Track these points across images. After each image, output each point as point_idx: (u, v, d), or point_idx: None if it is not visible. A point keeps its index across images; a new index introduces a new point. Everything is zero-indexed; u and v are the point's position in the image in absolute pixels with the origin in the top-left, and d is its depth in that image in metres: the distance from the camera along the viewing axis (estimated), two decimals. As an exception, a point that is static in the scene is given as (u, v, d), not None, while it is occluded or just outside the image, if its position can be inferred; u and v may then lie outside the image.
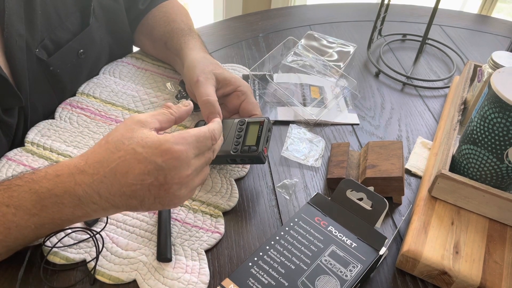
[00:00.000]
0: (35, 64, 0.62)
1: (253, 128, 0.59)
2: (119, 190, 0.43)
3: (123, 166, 0.43)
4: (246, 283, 0.46)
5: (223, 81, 0.64)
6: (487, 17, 1.18)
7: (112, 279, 0.50)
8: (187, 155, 0.44)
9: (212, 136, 0.48)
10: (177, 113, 0.50)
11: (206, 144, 0.47)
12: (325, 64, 0.81)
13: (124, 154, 0.43)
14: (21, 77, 0.59)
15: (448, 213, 0.57)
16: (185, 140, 0.45)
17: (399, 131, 0.75)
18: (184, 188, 0.46)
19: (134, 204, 0.45)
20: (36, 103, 0.65)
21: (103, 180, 0.43)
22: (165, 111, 0.49)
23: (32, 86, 0.62)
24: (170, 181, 0.44)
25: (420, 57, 0.93)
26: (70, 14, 0.66)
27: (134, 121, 0.46)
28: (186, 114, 0.51)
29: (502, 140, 0.53)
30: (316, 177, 0.65)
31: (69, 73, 0.69)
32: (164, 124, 0.48)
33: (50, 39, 0.63)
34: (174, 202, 0.46)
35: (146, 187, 0.43)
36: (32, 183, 0.44)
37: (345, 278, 0.47)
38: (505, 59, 0.68)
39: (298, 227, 0.52)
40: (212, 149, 0.50)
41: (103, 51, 0.77)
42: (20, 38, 0.58)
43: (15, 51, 0.58)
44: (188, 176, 0.45)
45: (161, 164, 0.43)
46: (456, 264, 0.51)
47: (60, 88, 0.69)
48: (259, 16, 1.03)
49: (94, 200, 0.44)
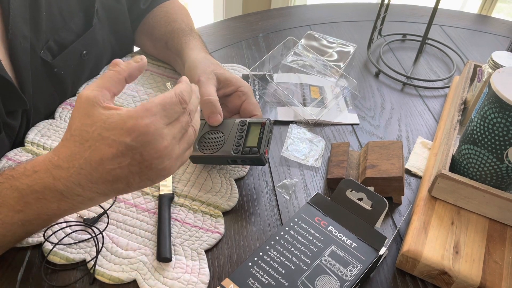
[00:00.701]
0: (39, 65, 0.62)
1: (254, 129, 0.59)
2: (100, 178, 0.42)
3: (95, 154, 0.41)
4: (246, 283, 0.46)
5: (224, 81, 0.64)
6: (487, 17, 1.18)
7: (112, 279, 0.50)
8: (155, 127, 0.41)
9: (180, 100, 0.44)
10: (126, 70, 0.45)
11: (175, 110, 0.44)
12: (325, 64, 0.81)
13: (93, 142, 0.41)
14: (25, 79, 0.59)
15: (448, 213, 0.57)
16: (149, 112, 0.41)
17: (399, 131, 0.75)
18: (167, 160, 0.43)
19: (122, 187, 0.43)
20: (38, 104, 0.65)
21: (80, 171, 0.42)
22: (112, 73, 0.45)
23: (35, 88, 0.62)
24: (147, 157, 0.42)
25: (420, 57, 0.93)
26: (74, 15, 0.66)
27: (84, 102, 0.42)
28: (138, 71, 0.46)
29: (502, 140, 0.53)
30: (316, 177, 0.65)
31: (72, 74, 0.69)
32: (115, 89, 0.44)
33: (54, 41, 0.63)
34: (162, 174, 0.44)
35: (126, 169, 0.42)
36: (12, 180, 0.43)
37: (345, 278, 0.47)
38: (505, 59, 0.68)
39: (298, 227, 0.52)
40: (186, 112, 0.45)
41: (105, 52, 0.77)
42: (24, 40, 0.58)
43: (19, 53, 0.57)
44: (166, 148, 0.43)
45: (132, 143, 0.41)
46: (456, 264, 0.51)
47: (62, 89, 0.69)
48: (259, 16, 1.03)
49: (77, 192, 0.43)
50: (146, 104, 0.42)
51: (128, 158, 0.41)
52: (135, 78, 0.46)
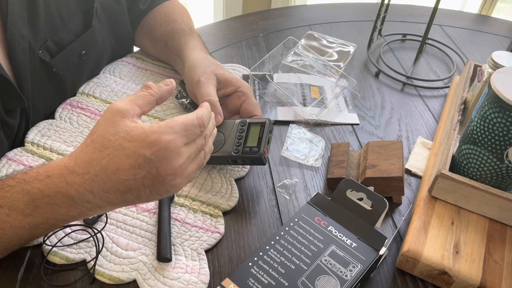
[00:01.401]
0: (38, 65, 0.62)
1: (254, 129, 0.59)
2: (112, 187, 0.43)
3: (113, 163, 0.42)
4: (246, 283, 0.46)
5: (224, 81, 0.64)
6: (487, 17, 1.18)
7: (112, 279, 0.50)
8: (175, 144, 0.43)
9: (200, 123, 0.46)
10: (158, 93, 0.48)
11: (195, 132, 0.46)
12: (325, 64, 0.81)
13: (112, 151, 0.42)
14: (23, 79, 0.59)
15: (448, 213, 0.57)
16: (172, 129, 0.43)
17: (399, 131, 0.75)
18: (178, 178, 0.45)
19: (131, 198, 0.44)
20: (37, 104, 0.65)
21: (95, 179, 0.42)
22: (144, 93, 0.47)
23: (34, 87, 0.62)
24: (162, 172, 0.43)
25: (420, 57, 0.93)
26: (73, 15, 0.66)
27: (114, 112, 0.44)
28: (168, 94, 0.49)
29: (502, 140, 0.53)
30: (316, 177, 0.65)
31: (71, 74, 0.69)
32: (145, 108, 0.46)
33: (52, 41, 0.63)
34: (170, 191, 0.45)
35: (139, 181, 0.43)
36: (24, 184, 0.44)
37: (345, 278, 0.47)
38: (505, 59, 0.68)
39: (298, 227, 0.52)
40: (203, 135, 0.48)
41: (105, 52, 0.77)
42: (23, 39, 0.58)
43: (18, 53, 0.58)
44: (181, 166, 0.44)
45: (151, 157, 0.42)
46: (456, 264, 0.51)
47: (61, 89, 0.69)
48: (259, 16, 1.03)
49: (88, 199, 0.43)
50: (169, 121, 0.44)
51: (144, 170, 0.42)
52: (165, 100, 0.49)
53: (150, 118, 0.70)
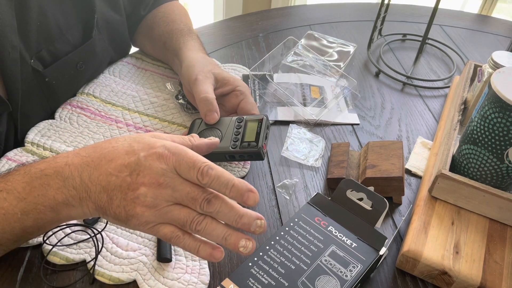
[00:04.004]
0: (30, 74, 0.61)
1: (251, 124, 0.59)
2: (97, 178, 0.43)
3: (111, 154, 0.43)
4: (246, 283, 0.46)
5: (221, 80, 0.64)
6: (487, 17, 1.18)
7: (112, 280, 0.50)
8: (167, 161, 0.41)
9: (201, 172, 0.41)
10: (196, 142, 0.48)
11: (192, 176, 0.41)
12: (325, 64, 0.81)
13: (117, 145, 0.44)
14: (13, 88, 0.58)
15: (448, 213, 0.57)
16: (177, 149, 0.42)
17: (399, 131, 0.75)
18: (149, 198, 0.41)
19: (104, 199, 0.43)
20: (28, 113, 0.63)
21: (90, 163, 0.43)
22: (184, 136, 0.48)
23: (26, 97, 0.61)
24: (140, 179, 0.41)
25: (420, 57, 0.93)
26: (72, 26, 0.65)
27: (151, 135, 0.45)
28: (206, 146, 0.49)
29: (502, 140, 0.53)
30: (316, 177, 0.65)
31: (66, 84, 0.68)
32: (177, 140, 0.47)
33: (47, 51, 0.62)
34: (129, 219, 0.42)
35: (120, 180, 0.42)
36: (28, 167, 0.45)
37: (345, 278, 0.47)
38: (505, 59, 0.68)
39: (298, 227, 0.52)
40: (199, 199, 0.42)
41: (104, 62, 0.76)
42: (13, 49, 0.56)
43: (8, 62, 0.56)
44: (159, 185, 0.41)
45: (141, 159, 0.41)
46: (456, 264, 0.51)
47: (54, 99, 0.68)
48: (259, 16, 1.03)
49: (74, 184, 0.43)
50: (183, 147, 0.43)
51: (128, 170, 0.42)
52: (201, 152, 0.48)
53: (150, 118, 0.70)
